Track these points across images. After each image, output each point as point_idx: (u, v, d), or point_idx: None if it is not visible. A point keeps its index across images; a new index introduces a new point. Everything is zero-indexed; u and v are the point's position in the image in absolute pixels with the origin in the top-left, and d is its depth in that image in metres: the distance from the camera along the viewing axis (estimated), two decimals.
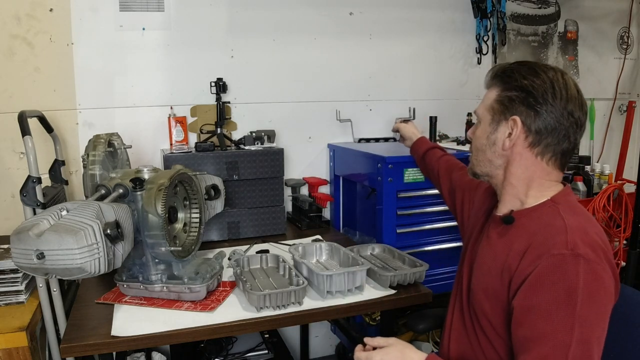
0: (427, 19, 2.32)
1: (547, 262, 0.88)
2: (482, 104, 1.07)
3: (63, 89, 1.87)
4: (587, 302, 0.84)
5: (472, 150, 1.10)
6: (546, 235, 0.92)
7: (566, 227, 0.91)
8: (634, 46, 2.82)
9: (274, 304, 1.25)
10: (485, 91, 1.09)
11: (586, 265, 0.86)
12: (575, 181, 2.41)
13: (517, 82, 1.00)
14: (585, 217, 0.97)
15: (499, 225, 1.04)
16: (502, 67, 1.05)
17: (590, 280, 0.85)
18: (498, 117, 1.02)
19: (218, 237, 1.84)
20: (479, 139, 1.06)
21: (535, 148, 1.00)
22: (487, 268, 1.02)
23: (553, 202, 0.99)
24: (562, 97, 0.97)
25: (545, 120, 0.98)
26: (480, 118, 1.06)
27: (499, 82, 1.04)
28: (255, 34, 2.08)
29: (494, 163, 1.04)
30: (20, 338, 1.35)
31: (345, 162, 2.13)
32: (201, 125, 2.02)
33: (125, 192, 1.23)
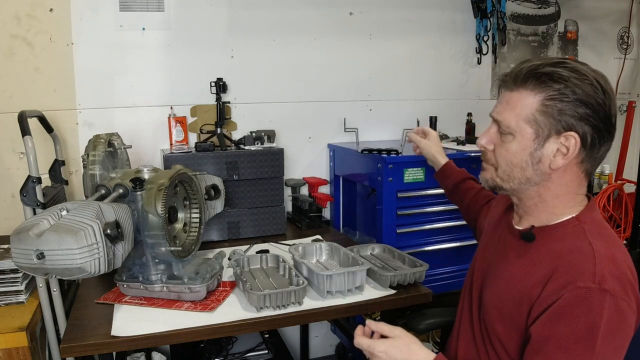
0: (427, 19, 2.32)
1: (571, 294, 0.82)
2: (514, 112, 0.91)
3: (63, 89, 1.87)
4: (608, 339, 0.80)
5: (500, 163, 0.96)
6: (573, 262, 0.85)
7: (594, 254, 0.84)
8: (634, 46, 2.82)
9: (274, 304, 1.25)
10: (506, 92, 0.94)
11: (612, 301, 0.81)
12: None
13: (569, 90, 0.86)
14: (613, 241, 0.90)
15: (518, 239, 0.98)
16: (536, 66, 0.90)
17: (613, 317, 0.81)
18: (546, 132, 0.89)
19: (218, 237, 1.84)
20: (516, 155, 0.92)
21: (585, 164, 0.92)
22: (503, 287, 0.95)
23: (578, 220, 0.92)
24: (612, 105, 0.89)
25: (603, 136, 0.89)
26: (515, 130, 0.91)
27: (537, 85, 0.88)
28: (255, 34, 2.08)
29: (532, 181, 0.93)
30: (20, 338, 1.35)
31: (345, 162, 2.13)
32: (201, 125, 2.02)
33: (125, 192, 1.23)
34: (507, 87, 0.94)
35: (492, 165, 0.98)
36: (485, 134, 0.99)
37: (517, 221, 1.02)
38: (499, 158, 0.96)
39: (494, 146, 0.97)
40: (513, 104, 0.92)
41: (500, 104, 0.96)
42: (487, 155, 1.00)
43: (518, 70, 0.92)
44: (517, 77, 0.91)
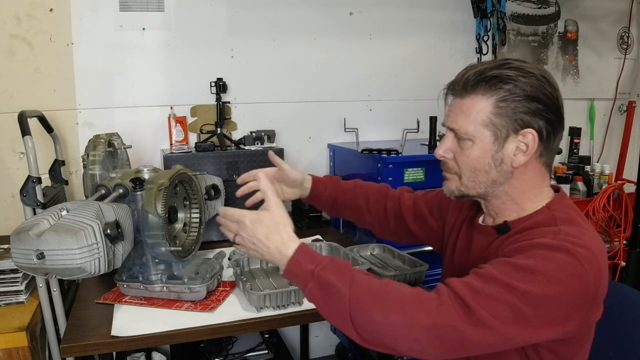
0: (427, 19, 2.32)
1: (527, 242, 0.85)
2: (469, 118, 0.92)
3: (63, 89, 1.87)
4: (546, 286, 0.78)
5: (463, 171, 0.96)
6: (535, 231, 0.88)
7: (560, 230, 0.86)
8: (634, 46, 2.81)
9: (274, 304, 1.25)
10: (457, 100, 0.95)
11: (566, 257, 0.80)
12: (575, 181, 2.41)
13: (519, 89, 0.89)
14: (582, 224, 0.90)
15: (490, 235, 0.99)
16: (482, 70, 0.91)
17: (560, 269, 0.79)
18: (504, 133, 0.90)
19: (218, 237, 1.83)
20: (478, 160, 0.93)
21: (544, 157, 0.94)
22: None
23: (549, 209, 0.94)
24: (559, 96, 0.93)
25: (556, 127, 0.92)
26: (473, 135, 0.92)
27: (488, 88, 0.90)
28: (255, 34, 2.08)
29: (497, 182, 0.94)
30: (20, 338, 1.35)
31: (345, 162, 2.13)
32: (201, 125, 2.02)
33: (125, 192, 1.23)
34: (457, 94, 0.95)
35: (456, 174, 0.98)
36: (442, 144, 0.99)
37: (490, 222, 1.02)
38: (461, 166, 0.96)
39: (453, 155, 0.97)
40: (467, 110, 0.93)
41: (452, 112, 0.96)
42: (448, 165, 0.99)
43: (465, 77, 0.93)
44: (466, 84, 0.92)
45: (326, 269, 0.88)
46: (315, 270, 0.88)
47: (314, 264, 0.89)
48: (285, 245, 0.93)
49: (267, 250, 0.94)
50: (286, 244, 0.93)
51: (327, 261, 0.89)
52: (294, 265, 0.91)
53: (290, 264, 0.91)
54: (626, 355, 1.06)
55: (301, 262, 0.90)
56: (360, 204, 1.32)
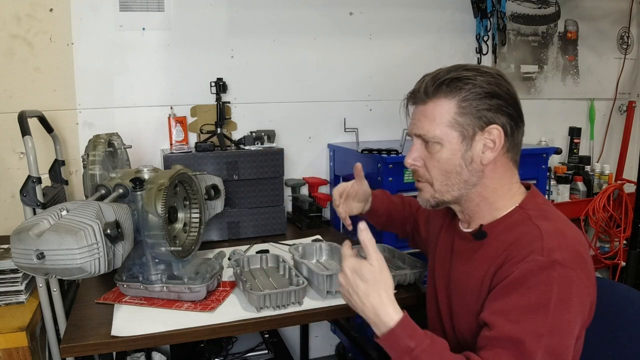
0: (427, 19, 2.32)
1: (521, 269, 0.85)
2: (435, 122, 0.94)
3: (63, 89, 1.87)
4: (559, 311, 0.81)
5: (434, 176, 0.97)
6: (521, 245, 0.88)
7: (541, 233, 0.87)
8: (634, 46, 2.82)
9: (274, 304, 1.25)
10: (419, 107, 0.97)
11: (562, 271, 0.83)
12: (575, 181, 2.41)
13: (478, 87, 0.91)
14: (559, 219, 0.93)
15: (469, 241, 0.99)
16: (441, 75, 0.94)
17: (564, 288, 0.82)
18: (470, 131, 0.93)
19: (218, 237, 1.84)
20: (448, 161, 0.94)
21: (510, 152, 0.96)
22: (466, 288, 0.97)
23: (522, 208, 0.95)
24: (515, 91, 0.95)
25: (517, 122, 0.94)
26: (441, 138, 0.94)
27: (449, 91, 0.93)
28: (255, 34, 2.08)
29: (470, 182, 0.96)
30: (20, 338, 1.35)
31: (345, 162, 2.13)
32: (201, 125, 2.02)
33: (125, 192, 1.23)
34: (419, 101, 0.97)
35: (427, 182, 0.99)
36: (410, 152, 1.00)
37: (466, 227, 1.04)
38: (432, 171, 0.97)
39: (423, 162, 0.98)
40: (430, 114, 0.95)
41: (416, 119, 0.98)
42: (419, 173, 1.00)
43: (425, 83, 0.96)
44: (427, 90, 0.95)
45: (426, 353, 0.83)
46: (415, 351, 0.83)
47: (415, 342, 0.84)
48: (384, 309, 0.87)
49: (362, 307, 0.90)
50: (385, 308, 0.87)
51: (428, 343, 0.84)
52: (393, 337, 0.86)
53: (389, 335, 0.86)
54: (626, 355, 1.06)
55: (401, 337, 0.85)
56: (406, 215, 1.40)
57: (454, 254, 1.04)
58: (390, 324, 0.86)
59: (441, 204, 1.01)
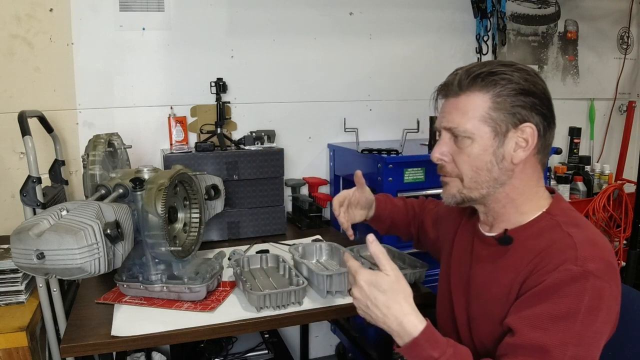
0: (427, 19, 2.32)
1: (553, 278, 0.82)
2: (467, 115, 0.91)
3: (63, 89, 1.87)
4: (587, 322, 0.80)
5: (464, 172, 0.94)
6: (554, 253, 0.85)
7: (575, 242, 0.85)
8: (634, 46, 2.82)
9: (274, 304, 1.25)
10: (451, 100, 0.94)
11: (594, 282, 0.81)
12: (575, 181, 2.41)
13: (514, 83, 0.89)
14: (589, 227, 0.90)
15: (493, 246, 0.96)
16: (476, 69, 0.92)
17: (595, 299, 0.81)
18: (503, 128, 0.90)
19: (218, 237, 1.84)
20: (479, 157, 0.91)
21: (540, 154, 0.93)
22: (488, 294, 0.93)
23: (550, 214, 0.92)
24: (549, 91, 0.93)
25: (550, 122, 0.92)
26: (473, 132, 0.90)
27: (484, 85, 0.90)
28: (255, 34, 2.08)
29: (499, 181, 0.92)
30: (20, 338, 1.35)
31: (345, 162, 2.13)
32: (201, 125, 2.02)
33: (125, 192, 1.23)
34: (451, 94, 0.94)
35: (457, 177, 0.95)
36: (438, 146, 0.96)
37: (487, 230, 1.01)
38: (462, 166, 0.93)
39: (451, 157, 0.95)
40: (463, 107, 0.91)
41: (447, 112, 0.94)
42: (446, 168, 0.96)
43: (459, 76, 0.93)
44: (461, 83, 0.92)
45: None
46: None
47: (438, 352, 0.82)
48: (407, 318, 0.85)
49: (383, 319, 0.87)
50: (408, 317, 0.85)
51: (451, 352, 0.83)
52: (416, 347, 0.84)
53: (412, 344, 0.84)
54: (626, 355, 1.06)
55: (424, 347, 0.83)
56: (410, 218, 1.37)
57: (474, 257, 1.00)
58: (415, 333, 0.84)
59: (467, 202, 0.97)
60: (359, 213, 1.33)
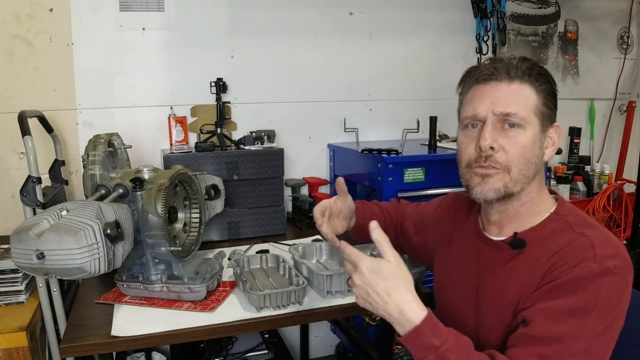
0: (427, 19, 2.32)
1: (572, 275, 0.82)
2: (523, 103, 0.88)
3: (63, 89, 1.87)
4: (603, 316, 0.81)
5: (514, 162, 0.89)
6: (571, 254, 0.84)
7: (591, 241, 0.84)
8: (634, 46, 2.82)
9: (274, 304, 1.25)
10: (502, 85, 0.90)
11: (613, 279, 0.81)
12: (575, 181, 2.41)
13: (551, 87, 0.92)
14: (600, 227, 0.90)
15: (503, 250, 0.94)
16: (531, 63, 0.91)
17: (612, 296, 0.81)
18: (546, 124, 0.91)
19: (218, 237, 1.84)
20: (531, 149, 0.89)
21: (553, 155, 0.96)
22: (502, 300, 0.91)
23: (559, 215, 0.92)
24: None
25: None
26: (526, 121, 0.88)
27: (533, 80, 0.90)
28: (255, 34, 2.08)
29: (532, 177, 0.92)
30: (20, 338, 1.35)
31: (345, 162, 2.13)
32: (201, 125, 2.02)
33: (125, 192, 1.23)
34: (503, 78, 0.89)
35: (505, 169, 0.89)
36: (486, 133, 0.89)
37: (496, 233, 0.99)
38: (514, 157, 0.88)
39: (501, 145, 0.89)
40: (519, 95, 0.89)
41: (498, 97, 0.89)
42: (496, 157, 0.89)
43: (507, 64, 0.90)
44: (517, 70, 0.89)
45: (451, 351, 0.80)
46: (441, 349, 0.80)
47: (440, 340, 0.81)
48: (408, 305, 0.83)
49: (384, 306, 0.85)
50: (410, 305, 0.83)
51: (453, 341, 0.82)
52: (417, 335, 0.82)
53: (414, 332, 0.82)
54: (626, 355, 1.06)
55: (426, 335, 0.81)
56: (387, 223, 1.33)
57: (482, 264, 0.98)
58: (416, 321, 0.82)
59: (508, 197, 0.91)
60: (341, 224, 1.26)
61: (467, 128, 0.95)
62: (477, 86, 0.92)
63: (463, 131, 0.96)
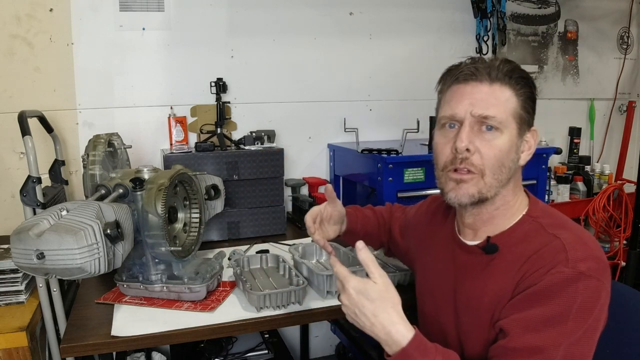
0: (427, 19, 2.32)
1: (545, 281, 0.82)
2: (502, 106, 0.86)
3: (63, 89, 1.87)
4: (580, 320, 0.80)
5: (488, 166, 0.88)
6: (543, 257, 0.84)
7: (564, 244, 0.84)
8: (634, 46, 2.82)
9: (274, 304, 1.25)
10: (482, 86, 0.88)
11: (587, 282, 0.81)
12: (575, 181, 2.41)
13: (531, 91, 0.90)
14: (573, 226, 0.90)
15: (478, 255, 0.94)
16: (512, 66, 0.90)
17: (588, 299, 0.80)
18: (524, 128, 0.90)
19: (218, 237, 1.84)
20: (505, 153, 0.87)
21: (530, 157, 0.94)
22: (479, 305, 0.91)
23: (531, 217, 0.92)
24: None
25: None
26: (504, 125, 0.87)
27: (514, 83, 0.88)
28: (255, 34, 2.08)
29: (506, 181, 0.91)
30: (20, 338, 1.35)
31: (345, 162, 2.13)
32: (201, 125, 2.02)
33: (125, 192, 1.23)
34: (484, 79, 0.88)
35: (479, 173, 0.88)
36: (463, 135, 0.87)
37: (470, 237, 0.98)
38: (487, 160, 0.87)
39: (477, 147, 0.88)
40: (498, 97, 0.87)
41: (478, 99, 0.87)
42: (472, 160, 0.88)
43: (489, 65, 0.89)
44: (498, 71, 0.88)
45: None
46: None
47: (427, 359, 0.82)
48: (395, 327, 0.83)
49: (371, 327, 0.85)
50: (395, 326, 0.83)
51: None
52: (405, 356, 0.83)
53: (401, 354, 0.83)
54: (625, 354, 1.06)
55: (413, 355, 0.82)
56: (380, 227, 1.34)
57: (458, 269, 0.98)
58: (403, 342, 0.82)
59: (480, 202, 0.91)
60: (333, 229, 1.26)
61: (444, 128, 0.93)
62: (457, 85, 0.91)
63: (440, 131, 0.94)
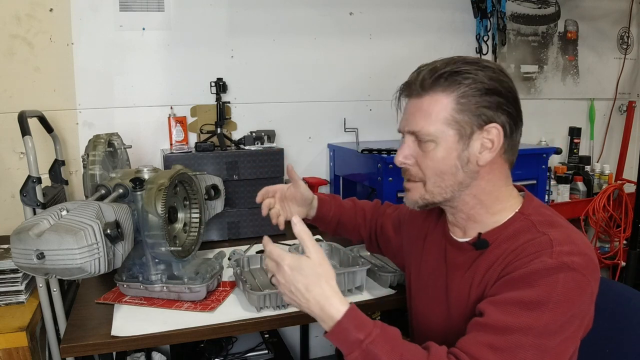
0: (427, 19, 2.32)
1: (528, 268, 0.81)
2: (430, 118, 0.87)
3: (63, 89, 1.87)
4: (558, 313, 0.78)
5: (427, 176, 0.91)
6: (528, 250, 0.84)
7: (550, 239, 0.83)
8: (634, 46, 2.82)
9: (274, 304, 1.25)
10: (414, 101, 0.90)
11: (570, 274, 0.79)
12: (575, 181, 2.41)
13: (479, 82, 0.86)
14: (564, 224, 0.89)
15: (468, 251, 0.94)
16: (439, 67, 0.88)
17: (569, 291, 0.78)
18: (468, 130, 0.87)
19: (218, 237, 1.84)
20: (444, 161, 0.88)
21: (507, 154, 0.91)
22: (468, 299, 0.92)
23: (523, 214, 0.91)
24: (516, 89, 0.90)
25: (517, 121, 0.89)
26: (436, 136, 0.87)
27: (448, 85, 0.87)
28: (255, 34, 2.08)
29: (464, 184, 0.90)
30: (20, 338, 1.35)
31: (345, 162, 2.13)
32: (201, 125, 2.02)
33: (125, 192, 1.23)
34: (414, 94, 0.91)
35: (420, 181, 0.92)
36: (401, 150, 0.93)
37: (460, 235, 0.98)
38: (426, 170, 0.90)
39: (415, 160, 0.92)
40: (426, 109, 0.88)
41: (410, 114, 0.91)
42: (410, 172, 0.93)
43: (422, 76, 0.90)
44: (424, 83, 0.89)
45: (376, 343, 0.79)
46: (365, 342, 0.79)
47: (364, 333, 0.80)
48: (328, 301, 0.83)
49: (306, 304, 0.85)
50: (329, 300, 0.83)
51: (378, 333, 0.81)
52: (340, 331, 0.82)
53: (336, 328, 0.82)
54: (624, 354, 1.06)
55: (349, 329, 0.81)
56: (359, 222, 1.35)
57: (449, 266, 0.98)
58: (337, 316, 0.82)
59: (430, 205, 0.94)
60: (297, 209, 1.32)
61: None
62: (403, 100, 0.95)
63: None
